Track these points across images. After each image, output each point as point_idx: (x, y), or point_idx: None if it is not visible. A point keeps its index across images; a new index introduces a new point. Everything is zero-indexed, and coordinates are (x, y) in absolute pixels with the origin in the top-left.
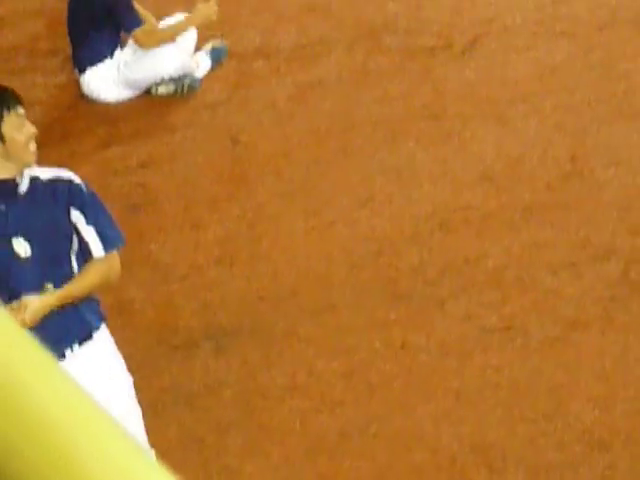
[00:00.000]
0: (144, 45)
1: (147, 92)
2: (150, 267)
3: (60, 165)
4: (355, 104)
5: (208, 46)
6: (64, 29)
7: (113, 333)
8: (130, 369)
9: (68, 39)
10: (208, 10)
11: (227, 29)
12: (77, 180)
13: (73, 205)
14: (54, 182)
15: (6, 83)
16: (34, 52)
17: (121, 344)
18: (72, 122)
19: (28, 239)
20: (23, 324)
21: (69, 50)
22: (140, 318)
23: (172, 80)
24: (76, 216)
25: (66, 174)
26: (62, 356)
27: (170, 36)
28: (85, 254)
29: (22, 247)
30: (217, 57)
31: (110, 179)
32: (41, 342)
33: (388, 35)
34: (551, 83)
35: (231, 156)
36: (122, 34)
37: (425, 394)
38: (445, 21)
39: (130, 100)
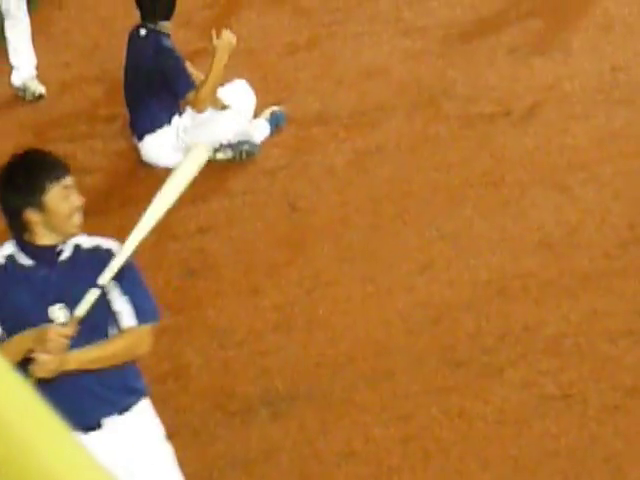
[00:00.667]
0: (196, 107)
1: None
2: (207, 332)
3: (120, 231)
4: (414, 170)
5: (267, 112)
6: (123, 95)
7: (169, 399)
8: (186, 434)
9: (126, 106)
10: (228, 38)
11: (286, 95)
12: (117, 250)
13: None
14: (95, 251)
15: (66, 149)
16: (94, 118)
17: (177, 409)
18: (132, 188)
19: (68, 307)
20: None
21: (128, 116)
22: (197, 383)
23: (231, 146)
24: (111, 286)
25: (107, 244)
26: (98, 426)
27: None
28: (118, 325)
29: (62, 314)
30: (276, 123)
31: (169, 244)
32: (79, 408)
33: (447, 102)
34: (610, 150)
35: (289, 222)
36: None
37: (482, 462)
38: (504, 88)
39: None
